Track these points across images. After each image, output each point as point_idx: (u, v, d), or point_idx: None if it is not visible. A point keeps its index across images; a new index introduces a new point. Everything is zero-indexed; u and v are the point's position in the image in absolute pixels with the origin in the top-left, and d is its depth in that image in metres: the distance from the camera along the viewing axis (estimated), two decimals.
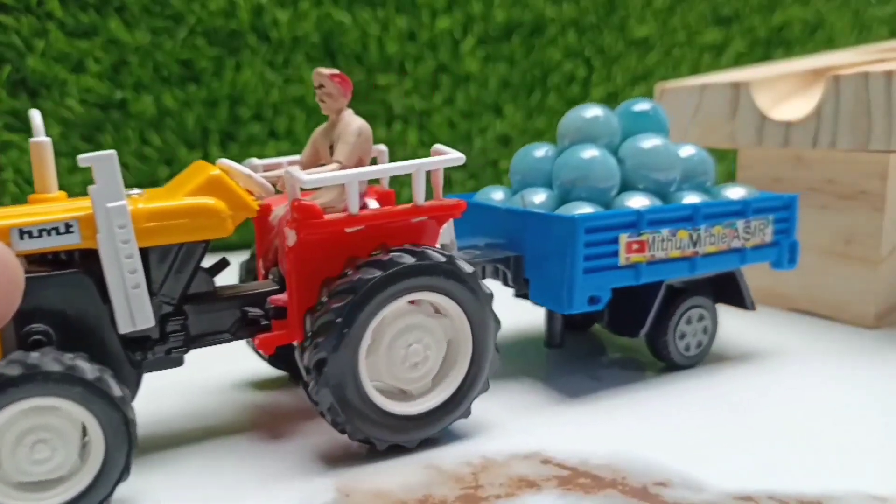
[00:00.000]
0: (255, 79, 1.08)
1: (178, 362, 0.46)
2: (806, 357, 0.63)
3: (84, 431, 0.39)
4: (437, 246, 0.49)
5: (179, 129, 1.05)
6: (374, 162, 0.54)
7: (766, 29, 1.47)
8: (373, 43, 1.14)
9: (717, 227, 0.57)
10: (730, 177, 1.48)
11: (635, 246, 0.54)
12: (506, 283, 0.57)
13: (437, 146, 0.49)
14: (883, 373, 0.59)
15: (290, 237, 0.45)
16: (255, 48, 1.07)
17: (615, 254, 0.54)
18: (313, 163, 0.51)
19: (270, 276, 0.50)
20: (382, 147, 0.55)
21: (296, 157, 0.54)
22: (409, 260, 0.44)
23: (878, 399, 0.54)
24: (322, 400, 0.44)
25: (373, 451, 0.47)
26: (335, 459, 0.46)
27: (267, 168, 0.54)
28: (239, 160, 0.51)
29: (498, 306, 0.49)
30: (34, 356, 0.37)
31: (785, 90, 0.79)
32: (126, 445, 0.39)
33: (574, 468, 0.45)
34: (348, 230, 0.46)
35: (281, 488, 0.43)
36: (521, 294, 0.59)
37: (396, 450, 0.46)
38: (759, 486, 0.43)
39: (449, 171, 1.22)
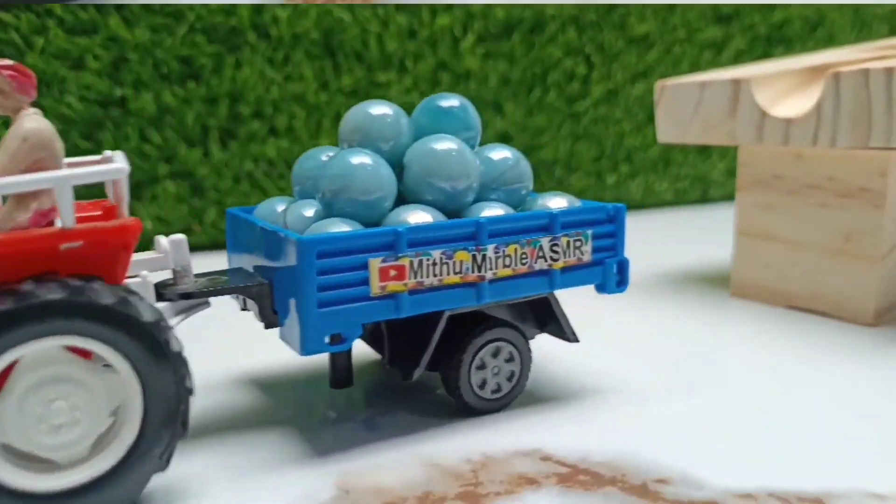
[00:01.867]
0: (254, 76, 1.07)
1: None
2: (805, 354, 0.63)
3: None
4: (144, 274, 0.43)
5: (179, 126, 1.05)
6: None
7: (767, 26, 1.47)
8: (373, 40, 1.14)
9: (513, 246, 0.48)
10: (730, 174, 1.48)
11: (392, 272, 0.45)
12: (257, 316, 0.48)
13: (108, 153, 0.42)
14: (883, 370, 0.59)
15: None
16: (255, 45, 1.07)
17: (365, 282, 0.44)
18: None
19: None
20: (111, 153, 0.45)
21: None
22: (54, 294, 0.36)
23: (877, 397, 0.54)
24: None
25: (373, 448, 0.47)
26: (335, 456, 0.46)
27: None
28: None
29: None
30: None
31: (785, 87, 0.79)
32: None
33: (574, 465, 0.45)
34: None
35: (281, 485, 0.43)
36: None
37: (396, 446, 0.46)
38: (759, 483, 0.43)
39: None
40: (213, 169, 1.07)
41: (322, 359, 0.60)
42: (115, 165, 0.40)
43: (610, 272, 0.52)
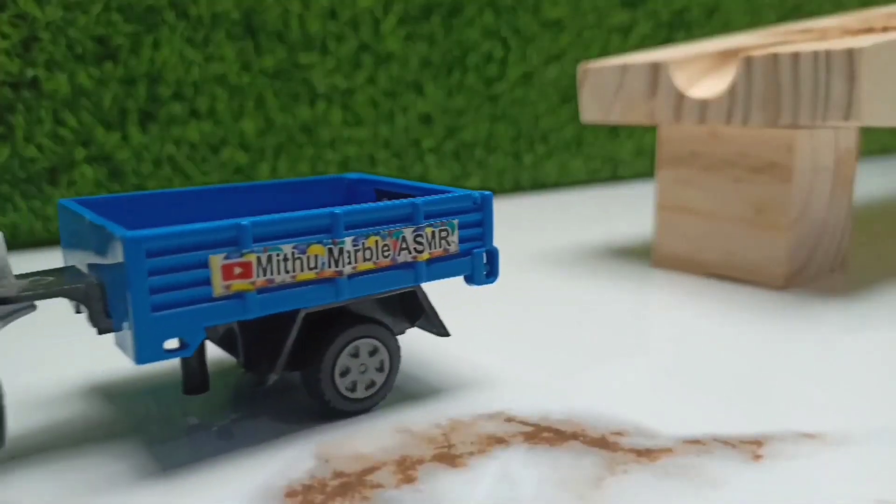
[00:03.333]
0: (174, 56, 1.05)
1: None
2: (726, 317, 0.68)
3: None
4: None
5: (96, 108, 1.02)
6: None
7: (669, 12, 1.55)
8: (294, 20, 1.13)
9: (373, 238, 0.45)
10: (638, 153, 1.56)
11: (237, 269, 0.41)
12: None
13: None
14: (794, 327, 0.65)
15: None
16: (174, 25, 1.05)
17: (206, 281, 0.40)
18: None
19: None
20: None
21: None
22: None
23: (791, 350, 0.60)
24: None
25: (346, 420, 0.48)
26: (310, 428, 0.47)
27: None
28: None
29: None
30: None
31: (700, 70, 0.84)
32: None
33: (536, 424, 0.48)
34: None
35: (261, 460, 0.44)
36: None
37: (368, 417, 0.48)
38: (704, 430, 0.47)
39: (372, 150, 1.24)
40: (133, 153, 1.05)
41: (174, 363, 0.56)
42: None
43: (479, 263, 0.50)
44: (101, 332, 0.42)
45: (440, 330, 0.51)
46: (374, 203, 0.48)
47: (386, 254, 0.46)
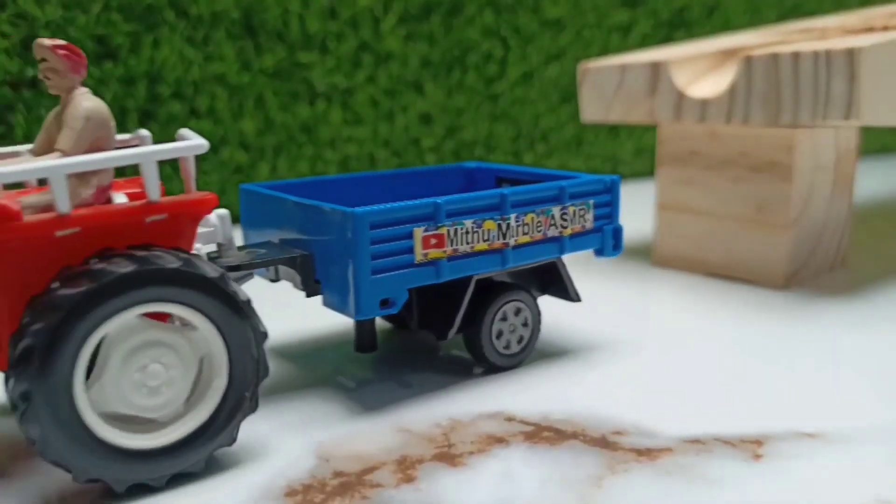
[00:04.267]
0: (174, 56, 1.05)
1: None
2: (726, 316, 0.68)
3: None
4: (198, 247, 0.45)
5: None
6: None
7: (669, 11, 1.55)
8: (294, 20, 1.13)
9: (530, 216, 0.53)
10: (638, 153, 1.56)
11: (433, 240, 0.49)
12: (297, 286, 0.52)
13: (183, 131, 0.44)
14: (795, 327, 0.65)
15: None
16: (174, 24, 1.05)
17: (410, 250, 0.48)
18: (46, 151, 0.44)
19: None
20: (144, 132, 0.48)
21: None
22: (125, 268, 0.38)
23: (792, 350, 0.60)
24: (34, 437, 0.37)
25: (349, 417, 0.48)
26: (311, 427, 0.47)
27: (1, 157, 0.45)
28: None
29: (303, 305, 0.47)
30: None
31: (700, 69, 0.84)
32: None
33: (537, 424, 0.48)
34: (59, 234, 0.38)
35: (262, 458, 0.44)
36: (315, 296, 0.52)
37: (368, 416, 0.48)
38: (705, 429, 0.47)
39: (372, 149, 1.24)
40: None
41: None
42: (196, 141, 0.42)
43: (608, 238, 0.58)
44: (309, 295, 0.51)
45: (574, 296, 0.58)
46: (531, 185, 0.54)
47: (539, 229, 0.54)
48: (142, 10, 1.02)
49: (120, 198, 0.43)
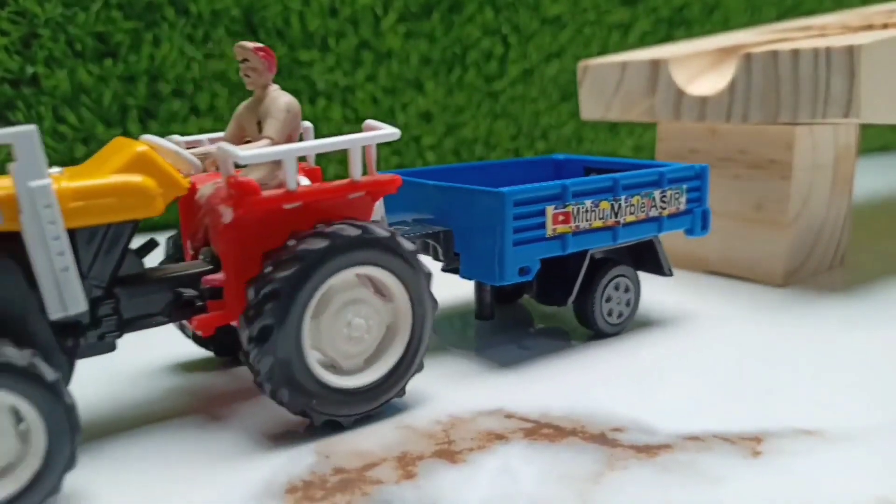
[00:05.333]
0: (174, 53, 1.05)
1: (111, 347, 0.44)
2: (726, 313, 0.68)
3: (18, 420, 0.37)
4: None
5: (96, 105, 1.02)
6: (301, 139, 0.52)
7: (668, 9, 1.54)
8: (294, 18, 1.13)
9: (636, 198, 0.60)
10: (637, 150, 1.56)
11: (561, 217, 0.56)
12: (436, 258, 0.59)
13: (370, 122, 0.49)
14: (794, 324, 0.65)
15: (227, 215, 0.44)
16: (174, 22, 1.05)
17: (542, 226, 0.55)
18: (238, 140, 0.50)
19: (201, 257, 0.49)
20: (308, 124, 0.54)
21: (218, 134, 0.53)
22: (352, 232, 0.44)
23: (790, 347, 0.60)
24: (264, 368, 0.43)
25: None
26: (312, 424, 0.48)
27: (188, 145, 0.52)
28: (161, 138, 0.49)
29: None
30: None
31: (700, 67, 0.84)
32: (68, 433, 0.38)
33: (536, 421, 0.48)
34: (286, 206, 0.45)
35: (263, 454, 0.44)
36: (450, 269, 0.60)
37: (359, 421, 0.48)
38: (704, 427, 0.47)
39: None
40: None
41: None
42: (390, 130, 0.48)
43: (697, 219, 0.65)
44: (445, 267, 0.60)
45: (668, 271, 0.65)
46: (638, 171, 0.61)
47: (643, 210, 0.61)
48: (142, 7, 1.02)
49: (303, 180, 0.49)
